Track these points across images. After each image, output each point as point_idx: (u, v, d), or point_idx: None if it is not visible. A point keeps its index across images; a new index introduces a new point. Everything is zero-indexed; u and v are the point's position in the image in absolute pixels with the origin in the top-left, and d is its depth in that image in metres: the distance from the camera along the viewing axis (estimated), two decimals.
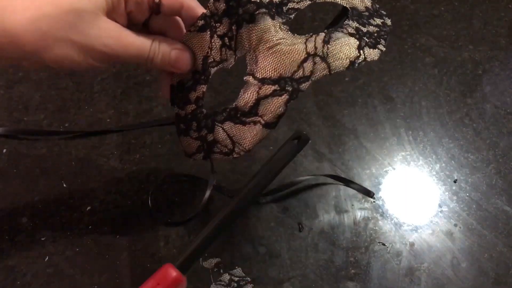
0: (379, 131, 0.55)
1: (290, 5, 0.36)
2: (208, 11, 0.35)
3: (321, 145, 0.54)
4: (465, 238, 0.49)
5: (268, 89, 0.35)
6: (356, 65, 0.35)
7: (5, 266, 0.46)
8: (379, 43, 0.37)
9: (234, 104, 0.37)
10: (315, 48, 0.35)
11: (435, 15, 0.65)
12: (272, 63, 0.35)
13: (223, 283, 0.46)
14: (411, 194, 0.51)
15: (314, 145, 0.54)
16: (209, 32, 0.36)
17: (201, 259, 0.47)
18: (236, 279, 0.46)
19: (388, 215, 0.50)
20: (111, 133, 0.54)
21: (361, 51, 0.36)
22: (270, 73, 0.35)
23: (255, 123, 0.37)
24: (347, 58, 0.35)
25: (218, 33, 0.36)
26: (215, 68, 0.37)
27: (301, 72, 0.35)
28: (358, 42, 0.36)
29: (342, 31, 0.36)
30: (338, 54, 0.35)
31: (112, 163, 0.53)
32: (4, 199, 0.50)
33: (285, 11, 0.35)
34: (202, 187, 0.49)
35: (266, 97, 0.36)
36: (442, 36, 0.63)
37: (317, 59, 0.35)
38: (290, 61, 0.35)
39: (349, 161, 0.53)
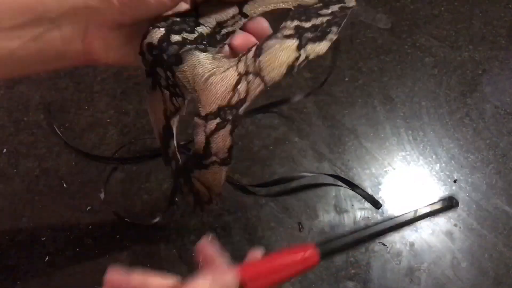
0: (379, 131, 0.55)
1: (224, 30, 0.34)
2: (146, 68, 0.34)
3: (321, 145, 0.54)
4: (465, 238, 0.49)
5: (212, 124, 0.33)
6: (296, 68, 0.33)
7: (5, 266, 0.46)
8: (328, 33, 0.34)
9: (191, 151, 0.36)
10: (247, 66, 0.33)
11: (435, 15, 0.65)
12: (209, 96, 0.33)
13: None
14: (411, 194, 0.51)
15: (314, 145, 0.54)
16: (158, 87, 0.35)
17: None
18: None
19: (388, 215, 0.50)
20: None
21: (302, 50, 0.33)
22: (210, 107, 0.33)
23: (213, 163, 0.35)
24: (283, 64, 0.33)
25: (162, 84, 0.34)
26: (176, 118, 0.36)
27: (237, 96, 0.33)
28: (297, 42, 0.33)
29: (276, 37, 0.33)
30: (272, 64, 0.33)
31: (112, 163, 0.53)
32: (4, 199, 0.50)
33: (219, 38, 0.34)
34: None
35: (212, 133, 0.34)
36: (442, 36, 0.63)
37: (250, 77, 0.33)
38: (225, 88, 0.33)
39: (349, 161, 0.53)
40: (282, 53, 0.33)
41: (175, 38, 0.33)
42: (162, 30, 0.33)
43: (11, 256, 0.47)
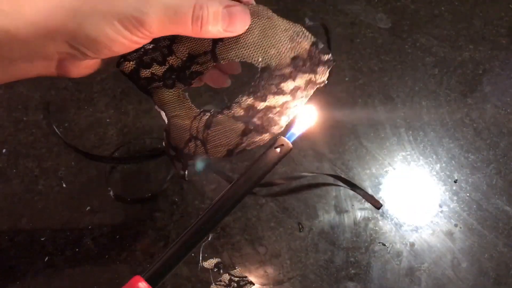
0: (379, 131, 0.55)
1: (194, 67, 0.34)
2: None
3: (321, 145, 0.54)
4: (465, 238, 0.49)
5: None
6: (235, 154, 0.33)
7: (5, 266, 0.46)
8: (275, 125, 0.33)
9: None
10: (197, 130, 0.34)
11: (436, 15, 0.65)
12: (173, 132, 0.35)
13: (223, 283, 0.46)
14: (412, 194, 0.51)
15: (314, 145, 0.54)
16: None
17: (201, 259, 0.47)
18: (236, 279, 0.46)
19: (388, 215, 0.50)
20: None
21: (245, 138, 0.33)
22: (174, 140, 0.35)
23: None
24: (225, 146, 0.33)
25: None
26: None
27: (187, 149, 0.34)
28: (243, 127, 0.33)
29: (227, 114, 0.33)
30: (217, 141, 0.33)
31: (112, 162, 0.53)
32: (4, 199, 0.50)
33: (188, 74, 0.34)
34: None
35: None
36: (443, 36, 0.63)
37: (198, 142, 0.34)
38: (180, 136, 0.34)
39: (349, 161, 0.53)
40: (227, 135, 0.33)
41: (144, 73, 0.34)
42: (132, 63, 0.33)
43: (11, 256, 0.47)
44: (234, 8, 0.30)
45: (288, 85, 0.32)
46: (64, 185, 0.51)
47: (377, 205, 0.50)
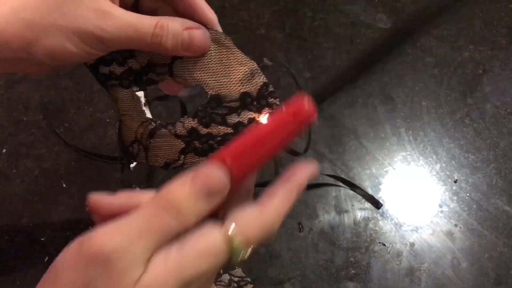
0: (379, 131, 0.55)
1: (151, 75, 0.34)
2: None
3: (321, 145, 0.54)
4: (465, 238, 0.49)
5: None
6: (172, 167, 0.34)
7: (5, 266, 0.46)
8: (214, 151, 0.33)
9: None
10: (141, 136, 0.35)
11: (436, 15, 0.65)
12: (122, 129, 0.36)
13: (223, 283, 0.46)
14: (412, 194, 0.51)
15: (314, 145, 0.54)
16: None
17: None
18: (236, 279, 0.46)
19: (388, 215, 0.50)
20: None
21: (183, 156, 0.34)
22: (126, 136, 0.36)
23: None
24: (163, 158, 0.34)
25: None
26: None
27: (131, 149, 0.36)
28: (183, 146, 0.33)
29: (169, 130, 0.33)
30: (157, 152, 0.34)
31: (112, 163, 0.53)
32: (4, 199, 0.50)
33: (144, 80, 0.34)
34: None
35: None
36: (442, 36, 0.63)
37: (141, 147, 0.35)
38: (127, 134, 0.36)
39: (349, 161, 0.53)
40: (167, 148, 0.34)
41: (103, 69, 0.34)
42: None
43: (11, 256, 0.47)
44: (195, 32, 0.30)
45: (232, 119, 0.32)
46: (64, 185, 0.51)
47: (377, 205, 0.50)
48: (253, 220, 0.24)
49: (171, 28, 0.29)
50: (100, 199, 0.26)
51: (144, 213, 0.22)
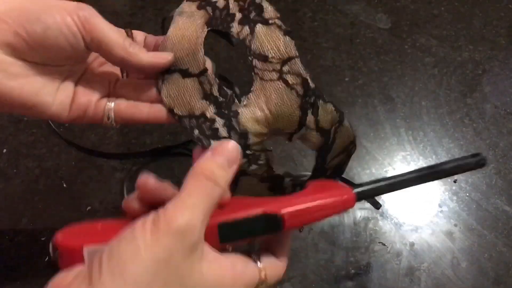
0: (379, 131, 0.55)
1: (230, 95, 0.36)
2: None
3: None
4: (465, 238, 0.49)
5: None
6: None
7: (5, 266, 0.46)
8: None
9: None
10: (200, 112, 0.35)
11: (435, 15, 0.65)
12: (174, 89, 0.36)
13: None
14: (411, 194, 0.51)
15: None
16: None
17: None
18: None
19: (388, 215, 0.50)
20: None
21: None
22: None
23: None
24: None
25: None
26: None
27: (186, 121, 0.36)
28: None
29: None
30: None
31: (112, 163, 0.53)
32: (4, 199, 0.50)
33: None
34: None
35: None
36: (442, 36, 0.63)
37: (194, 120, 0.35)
38: (180, 104, 0.36)
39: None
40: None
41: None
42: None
43: (11, 256, 0.47)
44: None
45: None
46: (64, 185, 0.51)
47: (376, 205, 0.50)
48: (278, 270, 0.31)
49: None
50: (149, 179, 0.29)
51: (195, 188, 0.26)
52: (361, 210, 0.50)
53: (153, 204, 0.28)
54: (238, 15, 0.35)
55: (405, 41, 0.62)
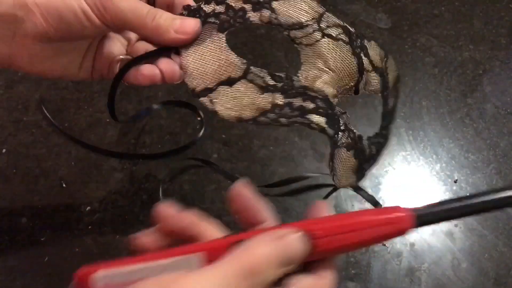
0: None
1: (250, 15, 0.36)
2: None
3: (321, 145, 0.54)
4: (465, 238, 0.49)
5: None
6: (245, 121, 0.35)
7: (5, 266, 0.46)
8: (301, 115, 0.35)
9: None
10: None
11: (436, 14, 0.65)
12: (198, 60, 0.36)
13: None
14: (412, 194, 0.51)
15: (314, 145, 0.54)
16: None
17: None
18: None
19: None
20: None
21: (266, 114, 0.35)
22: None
23: None
24: (238, 111, 0.35)
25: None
26: None
27: (201, 97, 0.35)
28: (270, 106, 0.35)
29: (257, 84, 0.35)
30: (232, 102, 0.35)
31: (112, 163, 0.53)
32: (4, 199, 0.50)
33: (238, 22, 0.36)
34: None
35: None
36: (443, 35, 0.63)
37: (212, 95, 0.35)
38: (198, 81, 0.35)
39: None
40: (246, 101, 0.35)
41: (206, 7, 0.35)
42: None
43: (11, 256, 0.47)
44: (187, 19, 0.34)
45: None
46: (64, 185, 0.51)
47: (376, 205, 0.50)
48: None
49: (165, 13, 0.34)
50: (169, 210, 0.26)
51: (229, 278, 0.21)
52: None
53: (177, 238, 0.25)
54: (247, 6, 0.35)
55: (405, 41, 0.62)
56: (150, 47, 0.36)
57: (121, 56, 0.36)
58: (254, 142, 0.54)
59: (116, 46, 0.37)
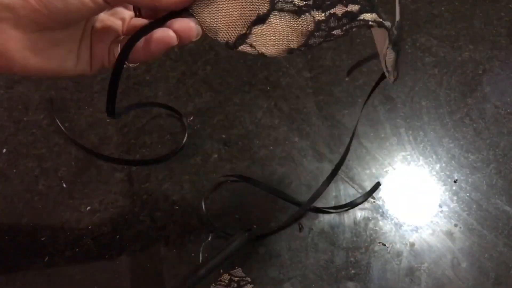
0: (379, 131, 0.55)
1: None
2: None
3: (321, 145, 0.54)
4: (465, 238, 0.49)
5: None
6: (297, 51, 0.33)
7: (5, 266, 0.46)
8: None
9: None
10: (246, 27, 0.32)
11: (435, 14, 0.65)
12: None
13: (223, 283, 0.46)
14: (411, 194, 0.51)
15: (314, 145, 0.54)
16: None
17: (201, 260, 0.47)
18: (236, 279, 0.46)
19: (388, 215, 0.50)
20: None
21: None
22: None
23: None
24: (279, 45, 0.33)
25: None
26: None
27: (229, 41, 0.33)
28: (310, 28, 0.33)
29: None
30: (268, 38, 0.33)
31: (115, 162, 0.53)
32: (4, 199, 0.50)
33: None
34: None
35: None
36: (442, 36, 0.63)
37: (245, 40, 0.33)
38: (223, 34, 0.33)
39: (349, 161, 0.53)
40: (285, 32, 0.33)
41: None
42: None
43: (11, 256, 0.47)
44: None
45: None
46: (64, 185, 0.51)
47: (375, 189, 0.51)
48: None
49: None
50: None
51: None
52: (361, 210, 0.50)
53: None
54: None
55: (405, 41, 0.62)
56: (146, 22, 0.34)
57: (121, 37, 0.35)
58: (254, 142, 0.54)
59: (111, 29, 0.35)
